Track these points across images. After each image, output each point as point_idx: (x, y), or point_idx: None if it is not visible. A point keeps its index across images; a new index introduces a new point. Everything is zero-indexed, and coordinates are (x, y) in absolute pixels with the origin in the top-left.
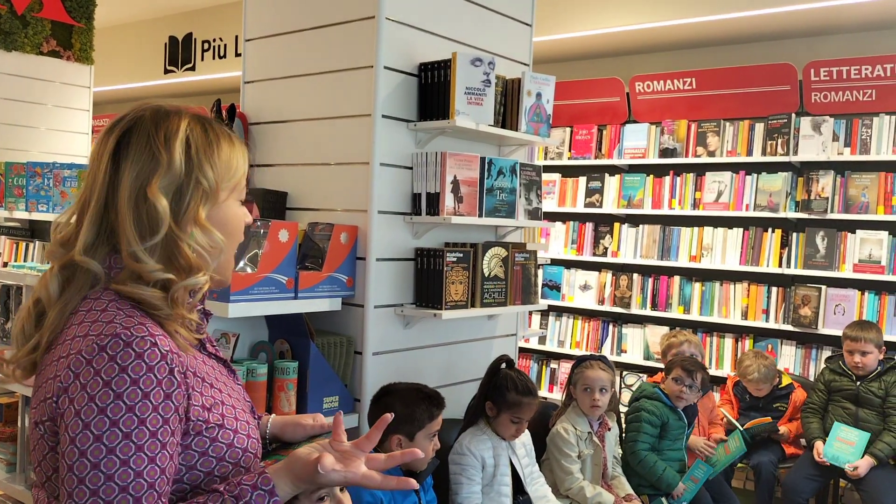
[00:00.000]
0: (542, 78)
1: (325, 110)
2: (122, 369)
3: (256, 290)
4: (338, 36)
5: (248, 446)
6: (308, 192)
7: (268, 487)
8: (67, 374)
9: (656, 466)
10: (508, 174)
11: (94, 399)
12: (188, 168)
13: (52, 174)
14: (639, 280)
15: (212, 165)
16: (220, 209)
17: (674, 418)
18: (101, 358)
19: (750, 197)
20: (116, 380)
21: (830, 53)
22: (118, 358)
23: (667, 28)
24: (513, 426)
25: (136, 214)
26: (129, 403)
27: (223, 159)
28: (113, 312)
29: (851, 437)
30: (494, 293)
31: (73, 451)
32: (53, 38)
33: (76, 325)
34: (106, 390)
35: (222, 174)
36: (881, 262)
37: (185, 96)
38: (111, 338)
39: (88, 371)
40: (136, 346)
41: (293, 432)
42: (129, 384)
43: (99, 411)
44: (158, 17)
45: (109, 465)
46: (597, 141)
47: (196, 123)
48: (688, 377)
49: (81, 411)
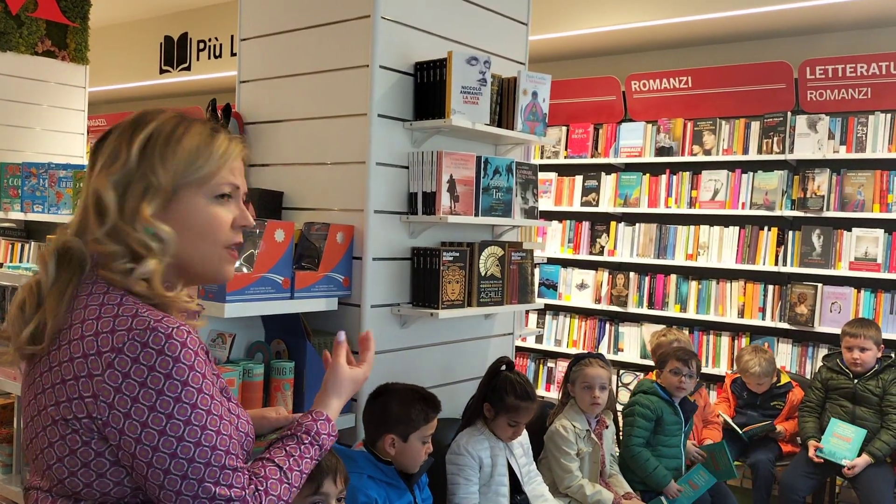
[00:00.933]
0: (538, 77)
1: (320, 110)
2: (174, 360)
3: (252, 290)
4: (333, 35)
5: (248, 431)
6: (304, 191)
7: (324, 416)
8: (114, 374)
9: (648, 463)
10: (505, 173)
11: (164, 391)
12: (140, 164)
13: (48, 175)
14: (635, 279)
15: (164, 162)
16: (181, 205)
17: (669, 412)
18: (147, 354)
19: (746, 195)
20: (175, 369)
21: (826, 51)
22: (166, 350)
23: (663, 27)
24: (510, 429)
25: (94, 204)
26: (196, 386)
27: (182, 155)
28: (132, 306)
29: (848, 433)
30: (491, 292)
31: (168, 441)
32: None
33: (93, 321)
34: (171, 381)
35: (180, 170)
36: (877, 259)
37: (181, 96)
38: (149, 332)
39: (140, 369)
40: (176, 335)
41: (258, 425)
42: (187, 370)
43: (175, 400)
44: (153, 17)
45: (209, 437)
46: (593, 140)
47: (171, 121)
48: (685, 367)
49: (157, 404)
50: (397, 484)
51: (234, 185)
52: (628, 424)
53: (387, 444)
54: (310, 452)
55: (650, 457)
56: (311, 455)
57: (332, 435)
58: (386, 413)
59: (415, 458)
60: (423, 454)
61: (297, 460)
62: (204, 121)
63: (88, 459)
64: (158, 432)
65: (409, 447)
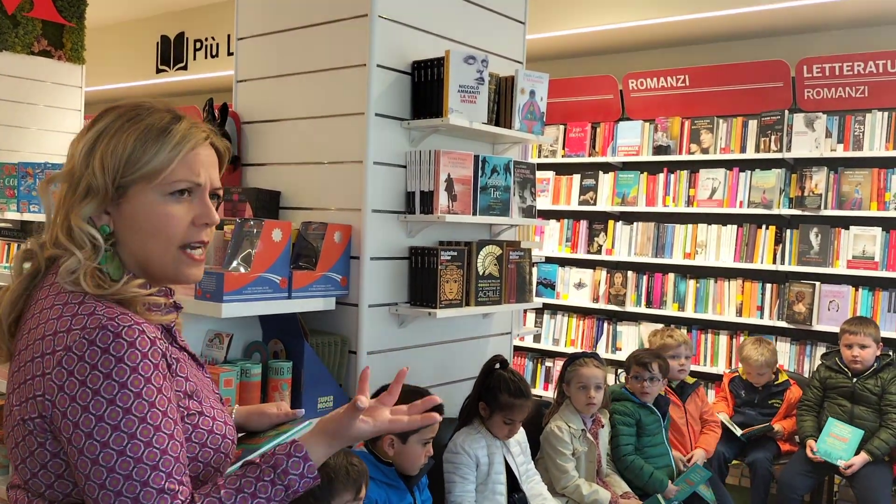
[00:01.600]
0: (536, 76)
1: (318, 109)
2: (118, 360)
3: (250, 290)
4: (330, 34)
5: (226, 433)
6: (301, 191)
7: (301, 454)
8: (60, 372)
9: (643, 472)
10: (502, 172)
11: (100, 392)
12: (81, 165)
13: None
14: (633, 278)
15: (103, 161)
16: (130, 203)
17: (646, 414)
18: (93, 352)
19: (744, 194)
20: (116, 370)
21: (823, 50)
22: (111, 349)
23: (660, 25)
24: (506, 427)
25: (48, 209)
26: (135, 390)
27: (124, 152)
28: (91, 305)
29: (844, 433)
30: (489, 292)
31: (92, 445)
32: (44, 38)
33: (55, 320)
34: (108, 382)
35: (120, 169)
36: (875, 258)
37: (178, 96)
38: (99, 330)
39: (83, 367)
40: (126, 335)
41: (258, 421)
42: (129, 372)
43: (108, 402)
44: (150, 17)
45: (135, 448)
46: (590, 138)
47: (122, 115)
48: (645, 370)
49: (90, 405)
50: (397, 485)
51: (193, 182)
52: (615, 434)
53: (385, 445)
54: (268, 492)
55: (643, 464)
56: (268, 495)
57: (305, 476)
58: None
59: (414, 460)
60: (423, 457)
61: (246, 498)
62: (165, 110)
63: (45, 461)
64: (86, 434)
65: (408, 449)
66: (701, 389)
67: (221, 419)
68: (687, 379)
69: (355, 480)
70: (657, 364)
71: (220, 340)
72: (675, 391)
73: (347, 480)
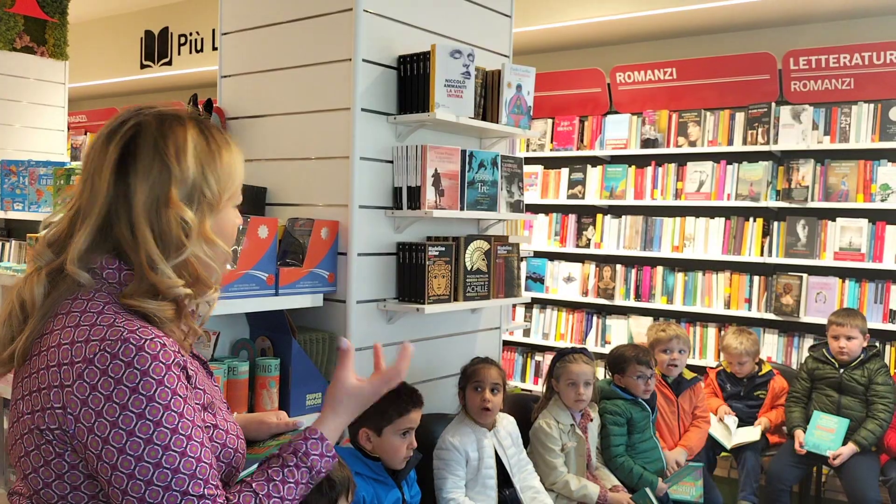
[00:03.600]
0: (523, 69)
1: (303, 104)
2: (143, 373)
3: (236, 288)
4: (315, 29)
5: (238, 447)
6: (288, 187)
7: (317, 435)
8: (82, 386)
9: (633, 472)
10: (490, 167)
11: (128, 406)
12: (196, 180)
13: (28, 172)
14: (622, 271)
15: (215, 175)
16: (220, 217)
17: (637, 411)
18: (116, 366)
19: (731, 186)
20: (142, 383)
21: (809, 42)
22: (136, 362)
23: (647, 18)
24: (478, 396)
25: (155, 229)
26: (163, 402)
27: (224, 168)
28: (111, 315)
29: (831, 424)
30: (477, 287)
31: (126, 460)
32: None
33: (72, 328)
34: (136, 396)
35: (224, 183)
36: (861, 249)
37: (162, 91)
38: (121, 343)
39: (108, 381)
40: (149, 348)
41: (257, 430)
42: (155, 385)
43: (137, 416)
44: (134, 12)
45: (171, 459)
46: (578, 132)
47: (197, 131)
48: (648, 369)
49: (119, 420)
50: (385, 480)
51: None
52: (605, 434)
53: (362, 439)
54: (295, 476)
55: (633, 465)
56: (296, 479)
57: (325, 455)
58: None
59: (393, 453)
60: (404, 449)
61: (277, 486)
62: (214, 126)
63: (62, 471)
64: (118, 450)
65: (384, 441)
66: (698, 385)
67: (234, 432)
68: (685, 373)
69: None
70: (652, 358)
71: (206, 338)
72: (670, 385)
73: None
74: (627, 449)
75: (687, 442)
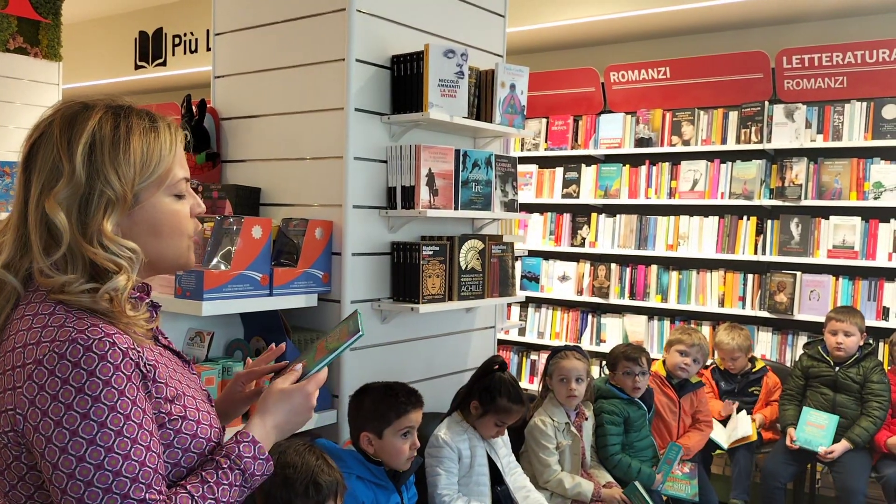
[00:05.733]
0: (516, 69)
1: (297, 104)
2: (89, 373)
3: (230, 288)
4: (309, 29)
5: (211, 435)
6: (281, 187)
7: (248, 438)
8: (31, 386)
9: (630, 470)
10: (484, 166)
11: (73, 406)
12: (90, 176)
13: None
14: (617, 270)
15: (117, 170)
16: (145, 210)
17: (633, 409)
18: (64, 366)
19: (725, 185)
20: (88, 384)
21: (802, 41)
22: (83, 363)
23: (640, 17)
24: (495, 428)
25: (41, 228)
26: (109, 403)
27: (135, 158)
28: (62, 316)
29: (821, 420)
30: (472, 286)
31: (68, 459)
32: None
33: (24, 332)
34: (81, 396)
35: (137, 174)
36: (854, 247)
37: (156, 92)
38: (69, 344)
39: (55, 381)
40: (97, 348)
41: (233, 405)
42: (101, 385)
43: (82, 416)
44: (128, 12)
45: (113, 461)
46: (573, 131)
47: (108, 120)
48: (636, 365)
49: (63, 420)
50: (385, 485)
51: (186, 178)
52: (602, 434)
53: (364, 443)
54: (228, 478)
55: (630, 462)
56: (230, 481)
57: (258, 458)
58: (360, 410)
59: (396, 455)
60: (406, 449)
61: (212, 487)
62: (139, 111)
63: (22, 473)
64: (60, 449)
65: (386, 443)
66: (702, 390)
67: (207, 422)
68: (691, 378)
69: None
70: (645, 357)
71: (200, 339)
72: (673, 387)
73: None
74: (623, 447)
75: (686, 441)
